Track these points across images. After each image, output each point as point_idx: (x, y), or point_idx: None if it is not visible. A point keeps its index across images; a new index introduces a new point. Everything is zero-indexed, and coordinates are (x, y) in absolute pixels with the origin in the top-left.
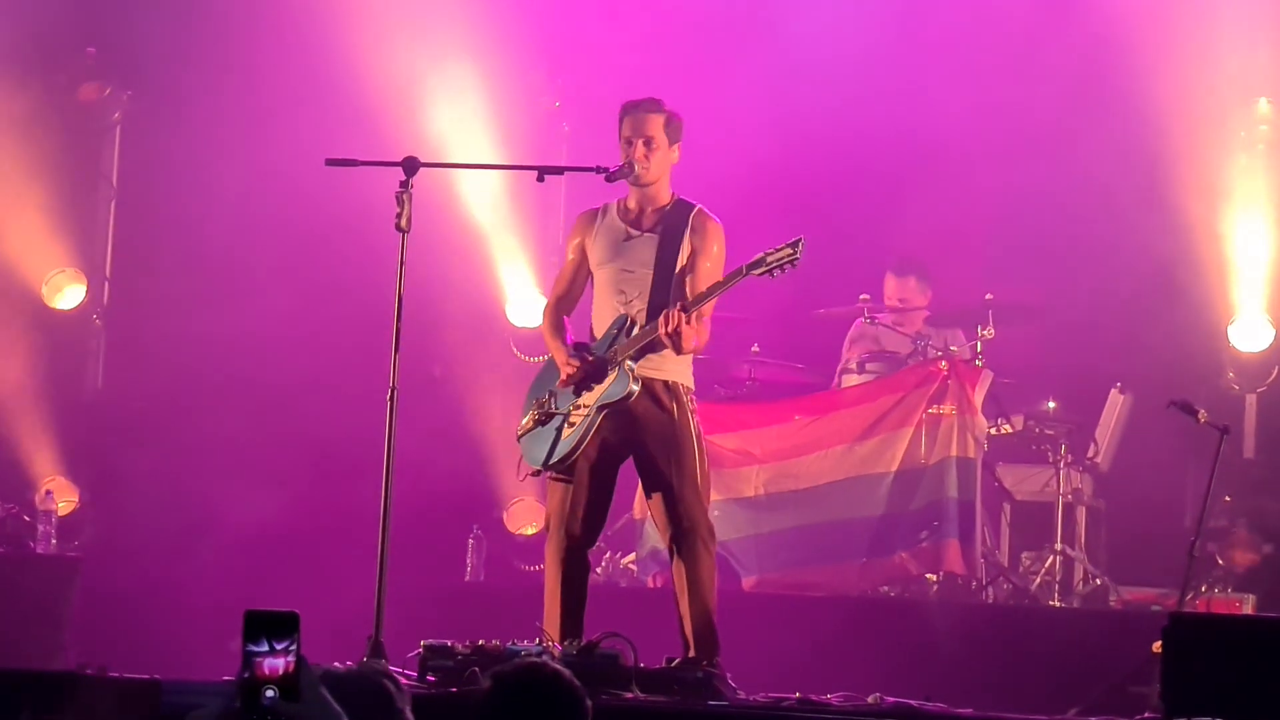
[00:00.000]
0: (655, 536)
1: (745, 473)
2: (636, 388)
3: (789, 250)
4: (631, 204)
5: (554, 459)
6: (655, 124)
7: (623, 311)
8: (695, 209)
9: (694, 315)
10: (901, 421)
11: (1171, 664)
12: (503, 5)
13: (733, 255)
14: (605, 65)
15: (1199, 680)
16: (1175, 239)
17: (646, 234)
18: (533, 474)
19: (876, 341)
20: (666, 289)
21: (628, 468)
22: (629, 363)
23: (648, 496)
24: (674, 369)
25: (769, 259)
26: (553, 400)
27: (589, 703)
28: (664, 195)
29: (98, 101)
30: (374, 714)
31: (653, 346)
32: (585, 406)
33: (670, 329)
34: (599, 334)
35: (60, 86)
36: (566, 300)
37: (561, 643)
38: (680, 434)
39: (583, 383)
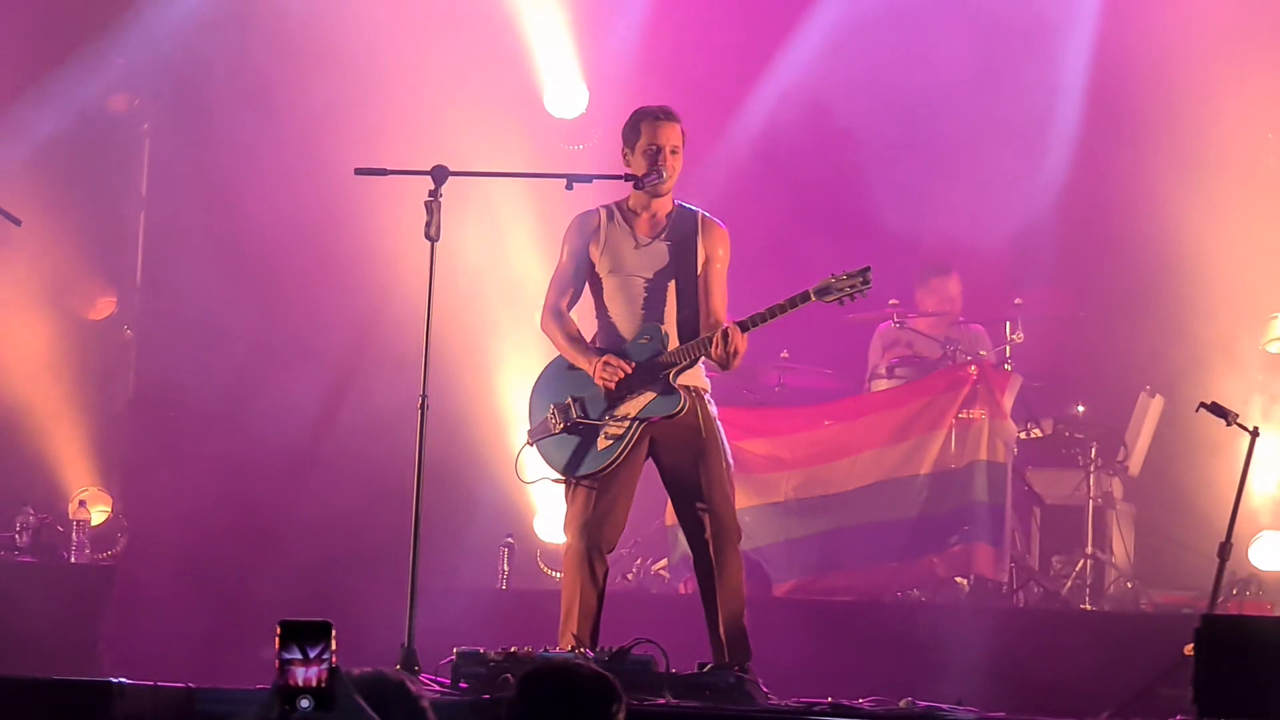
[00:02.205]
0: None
1: (775, 478)
2: (686, 404)
3: (860, 280)
4: (635, 209)
5: (587, 469)
6: (679, 133)
7: (644, 319)
8: (699, 214)
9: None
10: (931, 425)
11: (1203, 666)
12: (530, 14)
13: (748, 264)
14: (632, 72)
15: (1231, 683)
16: (1206, 240)
17: (657, 241)
18: (554, 481)
19: (905, 346)
20: (691, 297)
21: (650, 474)
22: (674, 377)
23: (676, 502)
24: (690, 374)
25: (837, 286)
26: (579, 405)
27: (617, 691)
28: (668, 201)
29: (126, 112)
30: (399, 713)
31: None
32: (626, 418)
33: (732, 349)
34: (608, 340)
35: (89, 97)
36: (569, 304)
37: (590, 648)
38: (706, 438)
39: (618, 392)
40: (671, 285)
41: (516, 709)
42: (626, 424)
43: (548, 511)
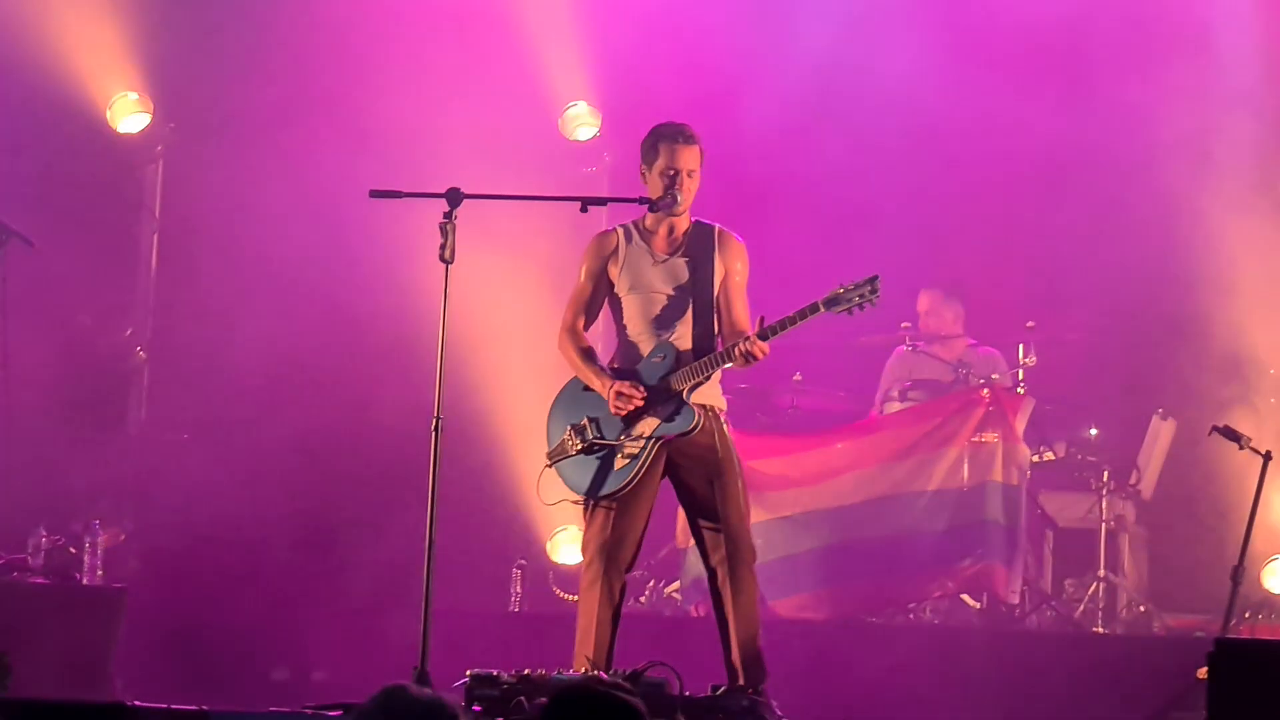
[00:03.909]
0: (698, 565)
1: (786, 495)
2: (700, 422)
3: (868, 290)
4: (653, 227)
5: (607, 490)
6: (697, 155)
7: (662, 336)
8: (716, 229)
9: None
10: (941, 443)
11: (1217, 690)
12: (545, 36)
13: (766, 280)
14: (647, 94)
15: (1244, 706)
16: (1220, 263)
17: (675, 258)
18: (573, 502)
19: (918, 370)
20: (708, 313)
21: (665, 498)
22: (689, 395)
23: (692, 520)
24: (707, 393)
25: (845, 296)
26: (595, 426)
27: (644, 718)
28: (685, 218)
29: (140, 133)
30: None
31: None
32: (641, 437)
33: (754, 359)
34: (627, 358)
35: (103, 119)
36: (585, 324)
37: (604, 670)
38: (723, 456)
39: (633, 412)
40: (690, 301)
41: None
42: (642, 443)
43: (560, 534)
